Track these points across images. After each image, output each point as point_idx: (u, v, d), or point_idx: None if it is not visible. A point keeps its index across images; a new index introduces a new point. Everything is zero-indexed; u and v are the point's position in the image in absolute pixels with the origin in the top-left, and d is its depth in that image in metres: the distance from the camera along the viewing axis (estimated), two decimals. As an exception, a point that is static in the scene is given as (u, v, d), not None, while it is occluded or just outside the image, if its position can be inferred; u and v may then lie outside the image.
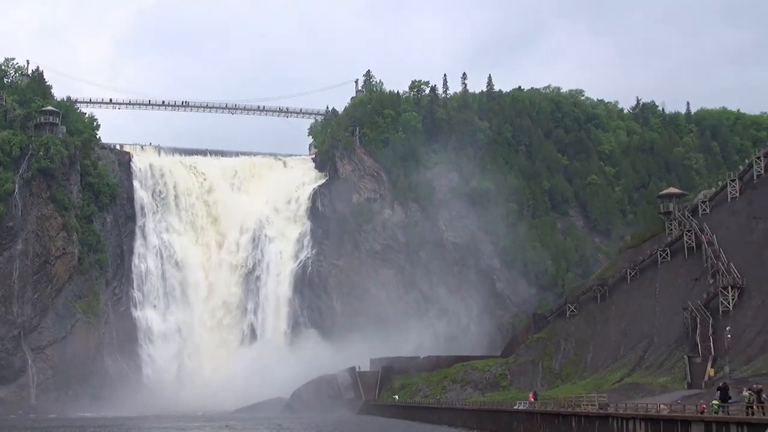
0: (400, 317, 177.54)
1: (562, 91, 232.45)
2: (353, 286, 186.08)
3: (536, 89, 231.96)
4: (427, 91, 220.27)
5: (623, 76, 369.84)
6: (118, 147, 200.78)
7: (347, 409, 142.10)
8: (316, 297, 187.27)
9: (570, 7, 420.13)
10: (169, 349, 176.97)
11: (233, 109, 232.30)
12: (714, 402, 54.70)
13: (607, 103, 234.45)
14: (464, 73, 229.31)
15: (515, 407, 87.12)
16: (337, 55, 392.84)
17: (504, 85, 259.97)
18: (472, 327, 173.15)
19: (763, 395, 49.55)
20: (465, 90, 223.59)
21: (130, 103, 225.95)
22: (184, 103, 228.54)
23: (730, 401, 53.61)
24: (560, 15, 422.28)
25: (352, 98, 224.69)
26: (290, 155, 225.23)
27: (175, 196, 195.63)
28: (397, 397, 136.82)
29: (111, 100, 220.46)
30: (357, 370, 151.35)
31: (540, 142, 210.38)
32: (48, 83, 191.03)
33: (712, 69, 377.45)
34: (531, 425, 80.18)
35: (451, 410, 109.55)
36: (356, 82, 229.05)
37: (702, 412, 52.48)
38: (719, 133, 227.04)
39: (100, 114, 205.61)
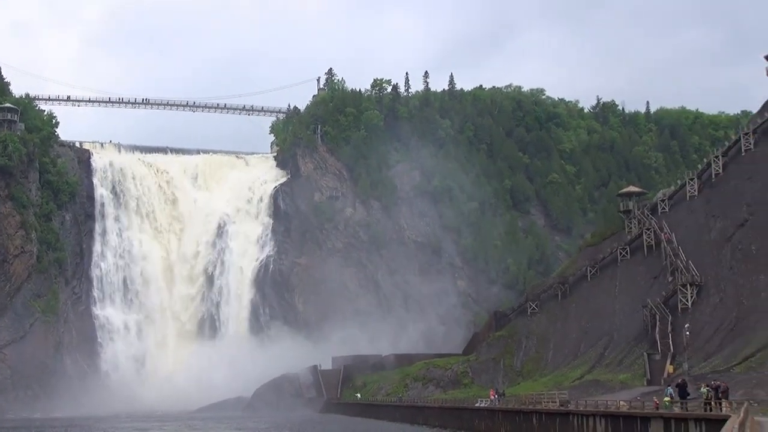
0: (362, 316, 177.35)
1: (523, 90, 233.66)
2: (315, 285, 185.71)
3: (498, 88, 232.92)
4: (389, 89, 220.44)
5: (587, 75, 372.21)
6: (77, 144, 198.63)
7: (309, 408, 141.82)
8: (277, 295, 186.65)
9: (538, 8, 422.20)
10: (129, 348, 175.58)
11: (194, 106, 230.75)
12: (666, 399, 55.32)
13: (568, 102, 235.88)
14: (426, 72, 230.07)
15: (477, 405, 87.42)
16: (302, 54, 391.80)
17: (469, 84, 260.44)
18: (433, 325, 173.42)
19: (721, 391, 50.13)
20: (427, 89, 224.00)
21: (90, 101, 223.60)
22: (145, 101, 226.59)
23: (688, 398, 54.17)
24: (528, 15, 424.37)
25: (314, 96, 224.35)
26: (252, 153, 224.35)
27: (136, 194, 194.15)
28: (359, 395, 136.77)
29: (69, 97, 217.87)
30: (319, 368, 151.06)
31: (501, 140, 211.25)
32: (6, 80, 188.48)
33: (673, 69, 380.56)
34: (492, 423, 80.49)
35: (412, 408, 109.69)
36: (318, 80, 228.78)
37: (657, 408, 52.97)
38: (678, 133, 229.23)
39: (63, 112, 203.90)
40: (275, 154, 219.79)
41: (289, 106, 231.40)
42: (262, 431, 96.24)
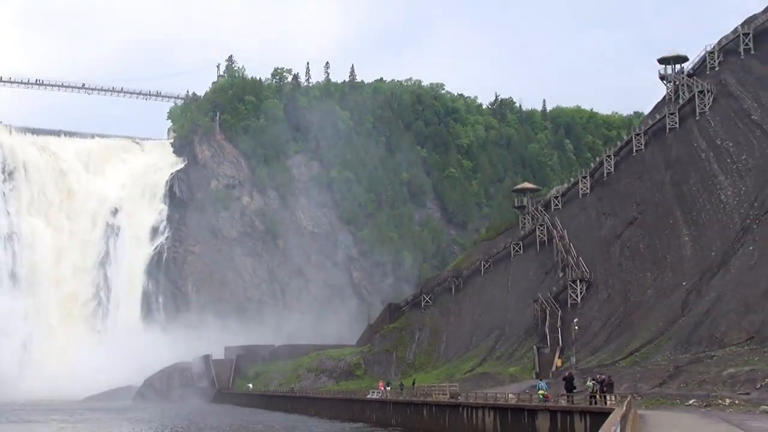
0: (257, 305, 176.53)
1: (423, 84, 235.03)
2: (210, 273, 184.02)
3: (398, 81, 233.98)
4: (290, 79, 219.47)
5: (488, 73, 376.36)
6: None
7: (200, 398, 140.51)
8: (171, 283, 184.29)
9: (449, 5, 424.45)
10: (16, 335, 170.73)
11: (89, 89, 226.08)
12: (540, 392, 56.48)
13: (467, 98, 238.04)
14: (327, 63, 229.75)
15: (368, 396, 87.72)
16: (205, 40, 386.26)
17: (371, 76, 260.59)
18: (328, 316, 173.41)
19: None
20: (328, 79, 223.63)
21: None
22: (38, 82, 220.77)
23: (575, 391, 55.19)
24: (439, 12, 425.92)
25: (213, 83, 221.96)
26: (148, 139, 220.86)
27: (26, 177, 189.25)
28: (251, 385, 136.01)
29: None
30: (211, 358, 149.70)
31: (400, 133, 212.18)
32: None
33: (571, 69, 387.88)
34: (384, 414, 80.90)
35: (304, 399, 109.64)
36: (218, 67, 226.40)
37: (546, 401, 53.90)
38: (573, 131, 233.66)
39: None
40: (172, 140, 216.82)
41: (187, 92, 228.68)
42: (151, 421, 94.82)
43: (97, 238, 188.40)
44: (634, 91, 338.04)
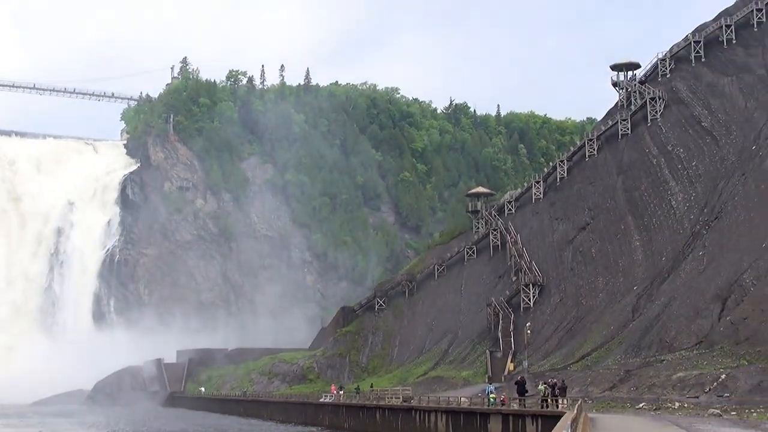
0: (210, 308, 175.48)
1: (378, 88, 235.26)
2: (162, 276, 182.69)
3: (353, 85, 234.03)
4: (245, 81, 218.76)
5: (445, 77, 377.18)
6: None
7: (152, 402, 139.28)
8: (123, 286, 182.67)
9: (412, 11, 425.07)
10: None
11: (41, 89, 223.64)
12: (492, 396, 56.92)
13: (422, 102, 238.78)
14: (282, 66, 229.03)
15: (321, 400, 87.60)
16: (161, 42, 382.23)
17: (325, 80, 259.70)
18: (281, 319, 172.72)
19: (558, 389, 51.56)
20: (282, 82, 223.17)
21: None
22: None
23: (526, 395, 55.50)
24: (394, 16, 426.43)
25: (167, 85, 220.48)
26: (101, 140, 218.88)
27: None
28: (203, 389, 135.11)
29: None
30: (163, 361, 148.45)
31: (355, 137, 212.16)
32: None
33: (527, 74, 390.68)
34: (337, 418, 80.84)
35: (257, 403, 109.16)
36: (172, 68, 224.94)
37: (503, 404, 54.19)
38: (527, 136, 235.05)
39: None
40: (125, 141, 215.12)
41: (141, 93, 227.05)
42: (101, 426, 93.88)
43: (48, 239, 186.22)
44: (587, 97, 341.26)
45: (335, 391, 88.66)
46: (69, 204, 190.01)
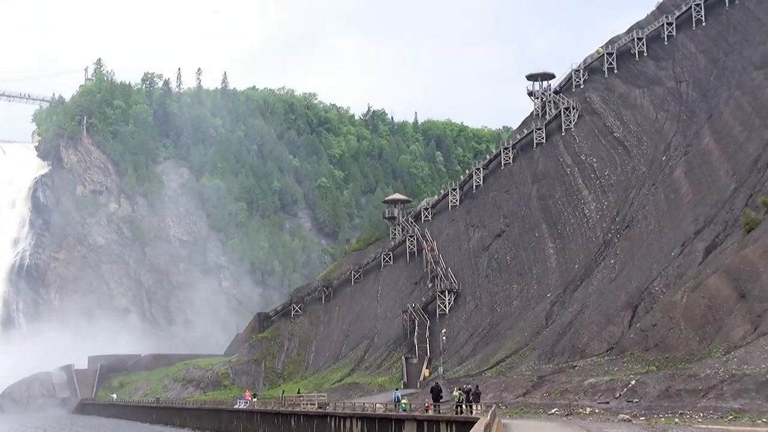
0: (123, 314, 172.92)
1: (296, 93, 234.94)
2: (74, 281, 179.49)
3: (270, 90, 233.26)
4: (161, 84, 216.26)
5: (363, 83, 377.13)
6: None
7: (62, 409, 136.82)
8: (32, 291, 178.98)
9: (328, 14, 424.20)
10: None
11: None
12: (404, 402, 57.41)
13: (339, 108, 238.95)
14: (199, 69, 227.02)
15: (236, 406, 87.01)
16: (75, 43, 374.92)
17: (242, 84, 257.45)
18: (196, 325, 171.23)
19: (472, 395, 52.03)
20: (199, 86, 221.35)
21: None
22: None
23: (441, 400, 55.88)
24: (312, 22, 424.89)
25: (81, 87, 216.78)
26: (11, 142, 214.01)
27: None
28: (114, 396, 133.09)
29: None
30: (73, 367, 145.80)
31: (272, 142, 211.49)
32: None
33: (443, 83, 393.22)
34: (251, 424, 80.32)
35: (170, 410, 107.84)
36: (86, 70, 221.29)
37: (427, 410, 54.45)
38: (443, 144, 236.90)
39: None
40: (37, 144, 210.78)
41: (54, 95, 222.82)
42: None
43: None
44: (504, 106, 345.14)
45: (249, 397, 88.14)
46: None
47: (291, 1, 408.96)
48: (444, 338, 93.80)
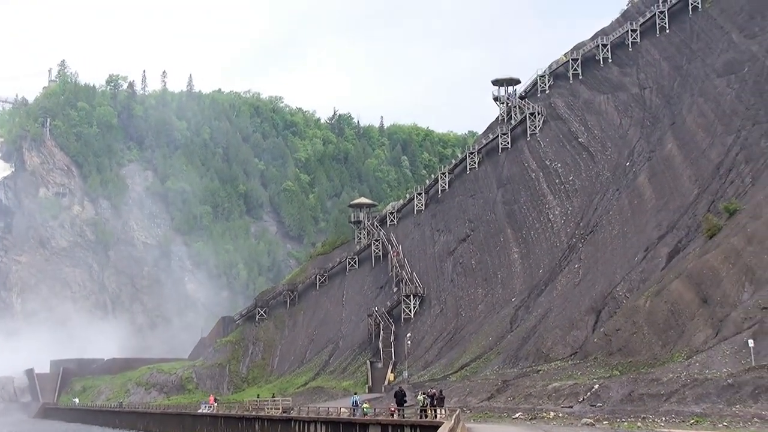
0: (86, 317, 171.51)
1: (262, 96, 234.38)
2: (36, 284, 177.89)
3: (236, 93, 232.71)
4: (125, 86, 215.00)
5: (329, 87, 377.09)
6: None
7: (23, 413, 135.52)
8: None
9: (295, 19, 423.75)
10: None
11: None
12: (365, 406, 57.45)
13: (306, 111, 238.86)
14: (164, 71, 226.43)
15: (199, 411, 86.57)
16: (38, 44, 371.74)
17: (208, 87, 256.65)
18: (160, 328, 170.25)
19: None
20: (164, 88, 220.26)
21: None
22: None
23: (405, 405, 55.86)
24: (283, 26, 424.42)
25: (44, 88, 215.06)
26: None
27: None
28: (77, 400, 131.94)
29: None
30: (35, 371, 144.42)
31: (238, 145, 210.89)
32: None
33: (410, 88, 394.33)
34: (215, 429, 79.95)
35: (133, 414, 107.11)
36: (50, 71, 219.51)
37: (391, 414, 54.42)
38: (409, 148, 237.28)
39: None
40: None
41: (16, 96, 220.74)
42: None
43: None
44: (469, 111, 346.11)
45: (213, 402, 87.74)
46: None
47: (259, 6, 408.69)
48: (409, 342, 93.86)
